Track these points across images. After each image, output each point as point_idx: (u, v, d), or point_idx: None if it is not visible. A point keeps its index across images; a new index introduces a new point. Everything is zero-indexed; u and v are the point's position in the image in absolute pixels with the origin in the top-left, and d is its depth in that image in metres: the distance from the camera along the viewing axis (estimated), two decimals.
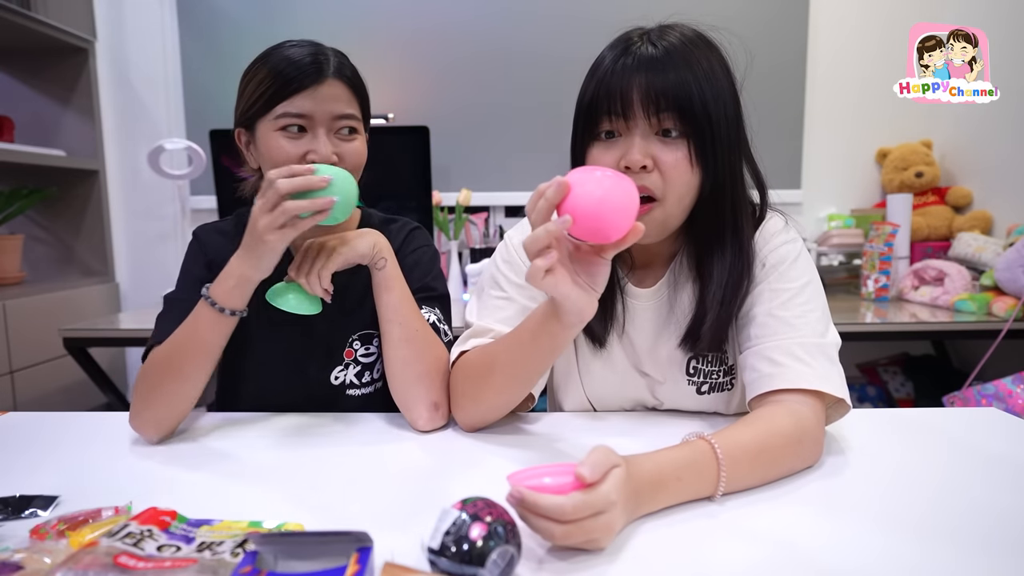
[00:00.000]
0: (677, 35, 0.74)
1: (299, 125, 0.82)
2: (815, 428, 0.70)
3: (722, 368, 0.85)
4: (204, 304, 0.79)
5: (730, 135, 0.74)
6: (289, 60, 0.82)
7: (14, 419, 0.92)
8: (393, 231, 0.97)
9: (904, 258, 2.15)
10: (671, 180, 0.73)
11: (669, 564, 0.53)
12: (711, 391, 0.86)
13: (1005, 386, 1.57)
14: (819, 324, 0.76)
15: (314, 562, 0.49)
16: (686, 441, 0.65)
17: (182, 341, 0.81)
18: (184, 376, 0.81)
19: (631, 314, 0.87)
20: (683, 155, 0.72)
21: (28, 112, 2.20)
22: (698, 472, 0.62)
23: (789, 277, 0.78)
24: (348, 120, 0.84)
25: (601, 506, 0.52)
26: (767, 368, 0.73)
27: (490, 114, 2.28)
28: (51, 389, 1.97)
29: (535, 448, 0.80)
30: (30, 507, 0.62)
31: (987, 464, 0.72)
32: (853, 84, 2.31)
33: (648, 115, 0.72)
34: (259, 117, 0.83)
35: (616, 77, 0.73)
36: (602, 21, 0.84)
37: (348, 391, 0.96)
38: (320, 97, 0.82)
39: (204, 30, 2.30)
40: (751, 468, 0.65)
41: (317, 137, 0.82)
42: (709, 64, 0.73)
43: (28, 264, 2.22)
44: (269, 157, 0.83)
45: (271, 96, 0.81)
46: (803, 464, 0.70)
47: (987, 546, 0.55)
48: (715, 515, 0.61)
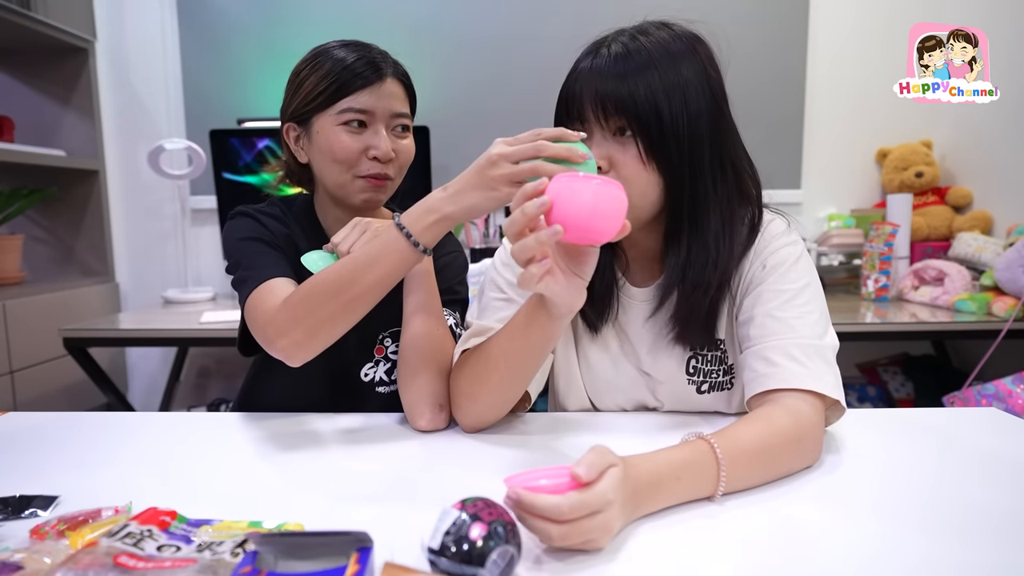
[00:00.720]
0: (649, 37, 0.75)
1: (360, 120, 0.85)
2: (814, 427, 0.70)
3: (721, 368, 0.86)
4: (395, 233, 0.73)
5: (694, 131, 0.74)
6: (351, 58, 0.85)
7: (14, 419, 0.92)
8: None
9: (904, 258, 2.15)
10: (626, 178, 0.74)
11: (668, 564, 0.52)
12: (711, 390, 0.86)
13: (1005, 386, 1.57)
14: (817, 326, 0.77)
15: (314, 562, 0.49)
16: (685, 441, 0.65)
17: (357, 269, 0.74)
18: (347, 307, 0.75)
19: (629, 313, 0.88)
20: (634, 154, 0.74)
21: (28, 112, 2.20)
22: (698, 472, 0.62)
23: (789, 279, 0.79)
24: (403, 118, 0.89)
25: (598, 505, 0.52)
26: (763, 368, 0.74)
27: (490, 114, 2.28)
28: (51, 389, 1.97)
29: (535, 448, 0.80)
30: (30, 507, 0.62)
31: (987, 464, 0.72)
32: (853, 84, 2.30)
33: (599, 119, 0.75)
34: (318, 112, 0.86)
35: (574, 83, 0.77)
36: (603, 21, 0.85)
37: (377, 388, 0.97)
38: (381, 94, 0.86)
39: (204, 30, 2.30)
40: (751, 468, 0.65)
41: (377, 133, 0.86)
42: (673, 64, 0.74)
43: (28, 264, 2.22)
44: (329, 150, 0.86)
45: (334, 92, 0.85)
46: (803, 464, 0.70)
47: (987, 546, 0.55)
48: (715, 515, 0.61)
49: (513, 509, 0.51)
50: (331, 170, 0.88)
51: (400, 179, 0.94)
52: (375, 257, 0.74)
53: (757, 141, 0.92)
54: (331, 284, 0.75)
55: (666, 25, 0.78)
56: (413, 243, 0.72)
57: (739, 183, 0.81)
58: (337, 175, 0.88)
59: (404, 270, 0.76)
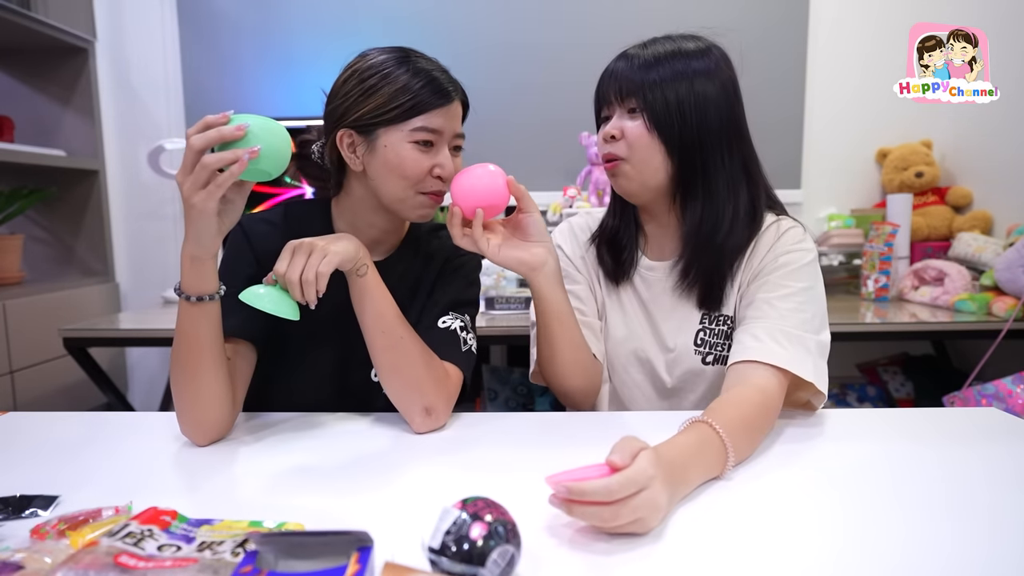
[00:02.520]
0: (669, 44, 0.91)
1: (430, 140, 0.86)
2: (777, 400, 0.81)
3: (727, 343, 0.95)
4: (180, 298, 0.77)
5: (701, 113, 0.88)
6: (428, 76, 0.85)
7: (14, 419, 0.92)
8: (444, 237, 1.00)
9: (904, 258, 2.15)
10: (632, 144, 0.91)
11: (668, 563, 0.53)
12: (715, 362, 0.96)
13: (1005, 386, 1.57)
14: (809, 324, 0.86)
15: (314, 562, 0.49)
16: (688, 425, 0.71)
17: (177, 342, 0.79)
18: (191, 375, 0.78)
19: (649, 284, 1.00)
20: (640, 124, 0.89)
21: (28, 112, 2.20)
22: (710, 452, 0.68)
23: (795, 277, 0.89)
24: (461, 139, 0.91)
25: (643, 481, 0.56)
26: (749, 342, 0.85)
27: (490, 114, 2.28)
28: (51, 389, 1.97)
29: (538, 448, 0.80)
30: (30, 507, 0.62)
31: (987, 464, 0.72)
32: (853, 84, 2.30)
33: (617, 101, 0.92)
34: (388, 125, 0.84)
35: (605, 77, 0.94)
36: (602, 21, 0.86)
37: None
38: (449, 115, 0.87)
39: (204, 30, 2.30)
40: (744, 442, 0.73)
41: (441, 152, 0.87)
42: (684, 58, 0.89)
43: (28, 264, 2.22)
44: (399, 166, 0.85)
45: (410, 108, 0.84)
46: (769, 430, 0.81)
47: (987, 546, 0.55)
48: (716, 514, 0.61)
49: (561, 503, 0.55)
50: (395, 184, 0.87)
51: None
52: (179, 332, 0.78)
53: (757, 141, 0.94)
54: (172, 368, 0.80)
55: (694, 36, 0.93)
56: (186, 298, 0.76)
57: (746, 166, 0.93)
58: (400, 190, 0.87)
59: (210, 322, 0.78)
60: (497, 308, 1.79)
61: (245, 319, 0.85)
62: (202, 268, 0.76)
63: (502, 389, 2.17)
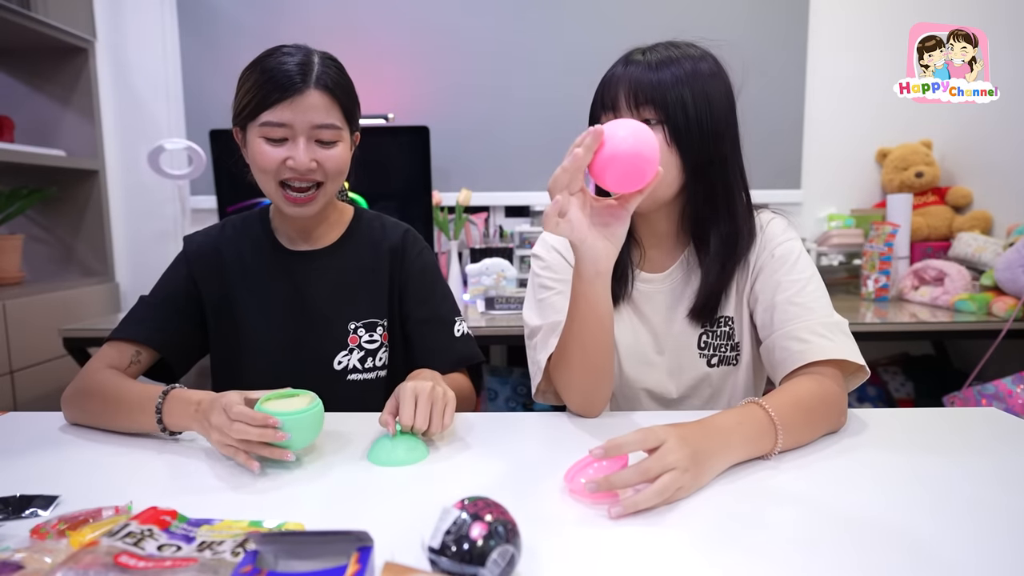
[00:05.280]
0: (673, 48, 0.88)
1: (281, 135, 0.88)
2: (841, 395, 0.82)
3: (729, 343, 0.96)
4: (151, 402, 0.80)
5: (716, 125, 0.86)
6: (275, 70, 0.87)
7: (14, 419, 0.92)
8: (389, 226, 1.06)
9: (904, 258, 2.15)
10: None
11: (669, 563, 0.53)
12: (719, 364, 0.96)
13: (1005, 386, 1.57)
14: (831, 307, 0.89)
15: (314, 562, 0.49)
16: (738, 407, 0.75)
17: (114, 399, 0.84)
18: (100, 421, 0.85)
19: (646, 297, 0.98)
20: (660, 138, 0.84)
21: (28, 112, 2.19)
22: (752, 431, 0.71)
23: (798, 270, 0.91)
24: (327, 129, 0.90)
25: (661, 433, 0.64)
26: (797, 346, 0.84)
27: (490, 114, 2.28)
28: (51, 389, 1.97)
29: (538, 448, 0.80)
30: (30, 507, 0.62)
31: (987, 464, 0.72)
32: (853, 84, 2.30)
33: (631, 108, 0.86)
34: (248, 121, 0.90)
35: (611, 77, 0.88)
36: (601, 22, 0.86)
37: (350, 375, 0.99)
38: (300, 107, 0.87)
39: (204, 30, 2.29)
40: (799, 428, 0.74)
41: (297, 145, 0.88)
42: (694, 67, 0.85)
43: (28, 264, 2.22)
44: (254, 161, 0.91)
45: (257, 104, 0.87)
46: (832, 427, 0.80)
47: (987, 545, 0.55)
48: (716, 515, 0.61)
49: (596, 497, 0.61)
50: (260, 178, 0.93)
51: (336, 185, 0.95)
52: (133, 409, 0.82)
53: (757, 141, 0.94)
54: (97, 401, 0.85)
55: (693, 44, 0.90)
56: (161, 427, 0.80)
57: (743, 171, 0.93)
58: (264, 183, 0.93)
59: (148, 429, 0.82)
60: (497, 308, 1.79)
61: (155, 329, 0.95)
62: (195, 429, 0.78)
63: (502, 389, 2.17)
